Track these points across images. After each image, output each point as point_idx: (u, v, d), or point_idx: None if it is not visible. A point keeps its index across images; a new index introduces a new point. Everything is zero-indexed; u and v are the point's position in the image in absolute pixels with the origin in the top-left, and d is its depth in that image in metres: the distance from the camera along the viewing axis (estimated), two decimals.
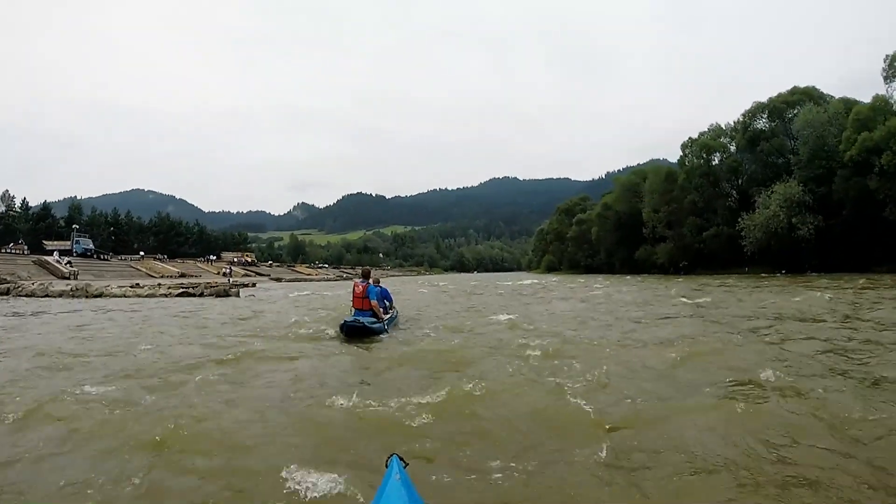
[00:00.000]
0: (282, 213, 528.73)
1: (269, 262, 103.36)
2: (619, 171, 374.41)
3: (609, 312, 14.38)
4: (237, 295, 25.37)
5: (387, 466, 2.40)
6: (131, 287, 27.49)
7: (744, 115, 58.61)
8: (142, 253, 68.73)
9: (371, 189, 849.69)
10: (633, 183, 74.78)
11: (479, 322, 12.31)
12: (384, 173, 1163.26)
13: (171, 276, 53.95)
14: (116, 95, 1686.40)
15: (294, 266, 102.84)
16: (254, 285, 45.77)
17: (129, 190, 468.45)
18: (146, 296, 24.33)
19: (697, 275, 53.74)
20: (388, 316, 11.04)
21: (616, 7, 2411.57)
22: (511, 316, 12.99)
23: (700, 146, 59.66)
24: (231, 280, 44.40)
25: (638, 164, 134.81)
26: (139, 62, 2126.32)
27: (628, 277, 46.77)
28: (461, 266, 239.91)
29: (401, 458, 2.44)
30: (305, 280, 67.08)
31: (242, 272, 71.12)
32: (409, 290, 30.84)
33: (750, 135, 57.12)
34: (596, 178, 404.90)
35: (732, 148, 60.57)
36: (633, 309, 15.28)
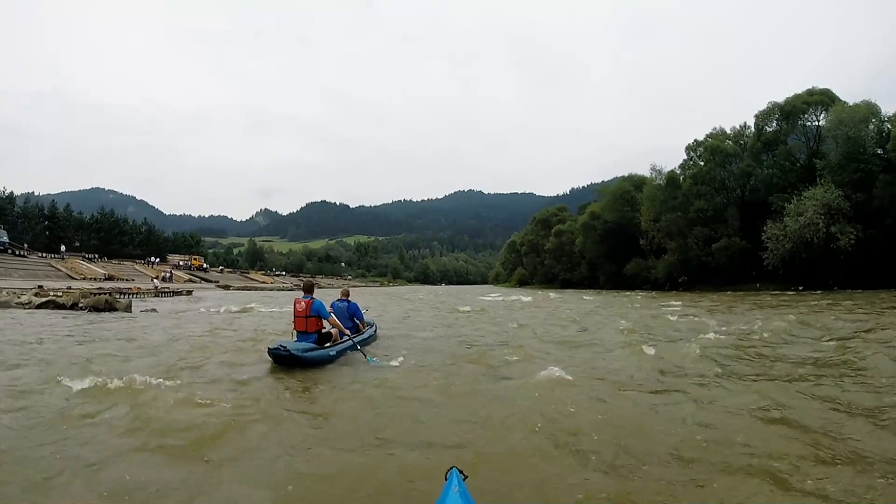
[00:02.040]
0: (244, 219, 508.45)
1: (221, 267, 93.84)
2: (583, 187, 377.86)
3: None
4: (128, 309, 17.85)
5: (446, 479, 2.36)
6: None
7: (757, 116, 53.18)
8: (63, 248, 58.70)
9: (335, 198, 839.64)
10: (625, 190, 68.61)
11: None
12: (349, 182, 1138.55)
13: (94, 279, 45.32)
14: (76, 87, 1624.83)
15: (248, 273, 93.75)
16: (189, 293, 38.18)
17: (88, 188, 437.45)
18: None
19: (702, 291, 47.81)
20: (360, 336, 8.93)
21: (576, 24, 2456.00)
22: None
23: (708, 149, 53.68)
24: (158, 287, 36.49)
25: (602, 181, 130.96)
26: (97, 54, 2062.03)
27: (615, 295, 40.63)
28: (425, 278, 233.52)
29: (460, 471, 2.40)
30: (257, 289, 58.90)
31: (186, 277, 62.52)
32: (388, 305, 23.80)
33: (766, 137, 51.87)
34: (561, 193, 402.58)
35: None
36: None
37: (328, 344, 7.90)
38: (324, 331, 8.02)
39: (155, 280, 40.30)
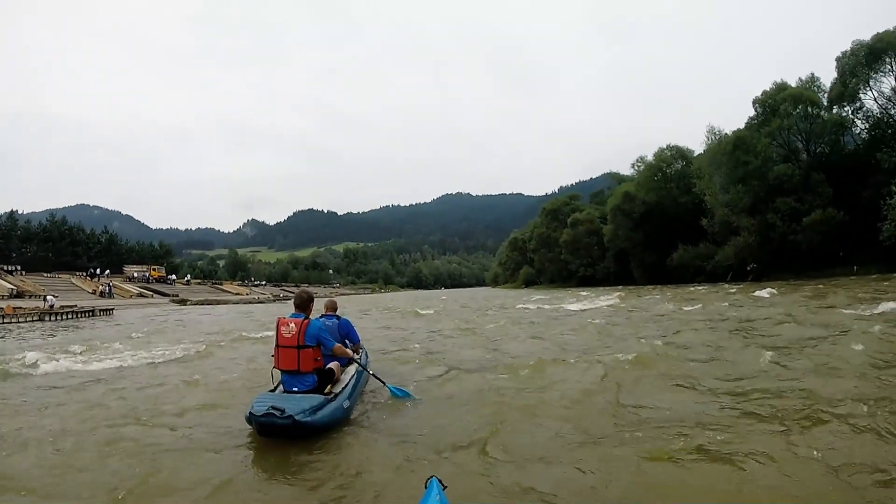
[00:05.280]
0: (231, 231, 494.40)
1: (188, 278, 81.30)
2: (572, 184, 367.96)
3: None
4: None
5: (426, 488, 2.29)
6: None
7: (839, 59, 42.15)
8: None
9: (322, 205, 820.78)
10: (668, 163, 56.95)
11: None
12: (335, 190, 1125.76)
13: None
14: (56, 105, 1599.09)
15: (222, 284, 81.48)
16: (106, 312, 26.31)
17: (73, 205, 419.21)
18: None
19: (784, 281, 36.63)
20: (350, 373, 5.35)
21: (551, 25, 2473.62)
22: None
23: (790, 99, 42.11)
24: (55, 306, 24.75)
25: (591, 179, 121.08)
26: (77, 73, 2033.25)
27: (656, 293, 29.90)
28: (418, 283, 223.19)
29: (440, 481, 2.32)
30: (222, 303, 46.86)
31: (135, 290, 50.42)
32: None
33: (854, 85, 41.09)
34: (549, 192, 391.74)
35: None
36: None
37: (330, 388, 4.73)
38: (327, 367, 4.91)
39: (49, 297, 28.74)
